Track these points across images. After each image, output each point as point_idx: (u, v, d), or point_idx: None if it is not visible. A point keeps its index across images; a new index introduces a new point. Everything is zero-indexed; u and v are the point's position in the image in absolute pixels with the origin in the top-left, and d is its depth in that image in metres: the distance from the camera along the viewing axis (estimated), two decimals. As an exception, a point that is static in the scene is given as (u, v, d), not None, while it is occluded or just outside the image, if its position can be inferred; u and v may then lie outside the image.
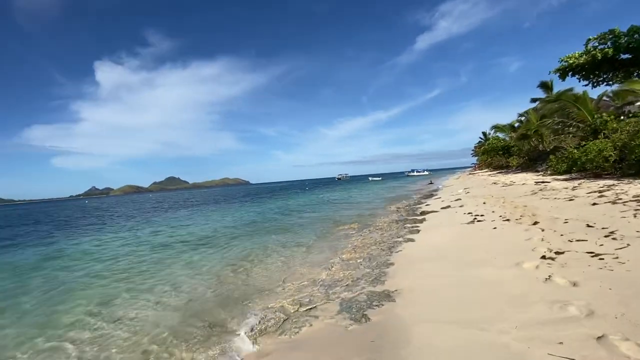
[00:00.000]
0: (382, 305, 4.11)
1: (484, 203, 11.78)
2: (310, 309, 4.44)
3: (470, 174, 48.85)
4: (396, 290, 4.50)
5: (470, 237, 7.14)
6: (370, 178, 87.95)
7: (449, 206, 12.69)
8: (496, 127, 43.25)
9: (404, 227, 9.64)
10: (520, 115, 39.18)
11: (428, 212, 12.06)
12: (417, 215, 12.00)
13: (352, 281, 5.34)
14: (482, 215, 9.39)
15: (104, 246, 11.96)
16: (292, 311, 4.43)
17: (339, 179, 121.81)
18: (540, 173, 19.45)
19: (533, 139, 29.67)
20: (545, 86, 33.30)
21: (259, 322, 4.24)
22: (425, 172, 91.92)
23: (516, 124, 40.42)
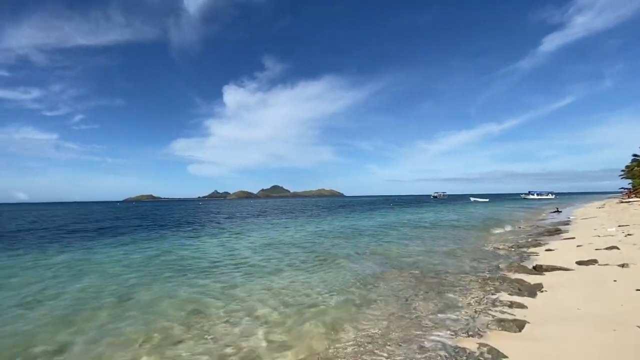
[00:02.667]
0: None
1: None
2: None
3: (621, 201, 35.71)
4: None
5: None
6: (472, 199, 75.31)
7: (593, 261, 7.35)
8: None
9: (492, 302, 5.33)
10: None
11: (548, 269, 7.10)
12: (526, 271, 7.18)
13: None
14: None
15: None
16: None
17: (434, 197, 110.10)
18: None
19: None
20: None
21: None
22: (550, 196, 72.87)
23: None
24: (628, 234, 10.47)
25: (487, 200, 73.22)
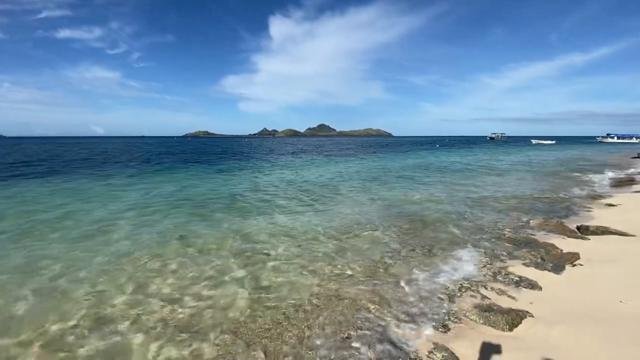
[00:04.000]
0: None
1: None
2: None
3: None
4: None
5: None
6: (534, 141, 66.19)
7: (670, 225, 5.27)
8: None
9: (493, 274, 3.91)
10: None
11: (597, 231, 5.24)
12: (565, 232, 5.40)
13: None
14: None
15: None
16: None
17: (491, 138, 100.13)
18: None
19: None
20: None
21: None
22: (635, 140, 61.80)
23: None
24: None
25: (553, 142, 64.35)
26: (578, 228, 5.65)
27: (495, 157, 27.55)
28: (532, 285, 3.56)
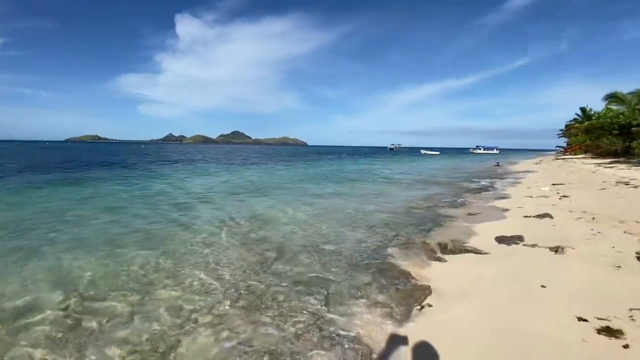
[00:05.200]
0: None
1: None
2: None
3: (557, 158, 36.74)
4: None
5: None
6: (423, 151, 76.07)
7: (518, 238, 5.11)
8: (614, 97, 30.06)
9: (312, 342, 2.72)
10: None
11: (456, 249, 4.76)
12: (427, 251, 4.79)
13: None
14: None
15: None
16: None
17: (391, 148, 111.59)
18: None
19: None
20: None
21: None
22: (495, 151, 76.95)
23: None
24: (563, 196, 8.68)
25: (437, 153, 74.42)
26: (439, 245, 5.13)
27: (388, 165, 29.44)
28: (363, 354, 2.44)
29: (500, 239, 5.21)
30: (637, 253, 3.91)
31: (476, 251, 4.71)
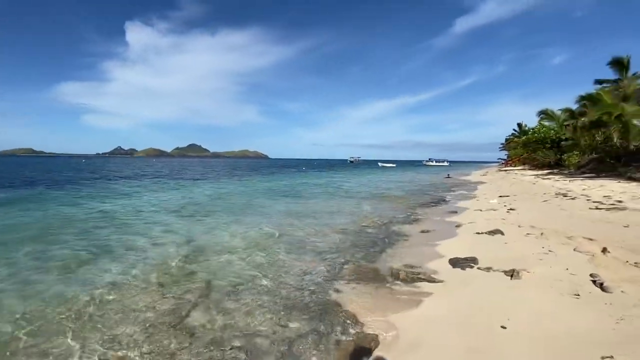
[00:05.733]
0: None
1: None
2: None
3: (500, 170, 39.60)
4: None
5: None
6: (380, 164, 78.54)
7: (472, 260, 4.76)
8: (545, 113, 33.25)
9: None
10: (582, 98, 29.27)
11: (408, 278, 4.26)
12: (377, 282, 4.23)
13: None
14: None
15: None
16: None
17: (351, 161, 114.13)
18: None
19: (608, 130, 20.41)
20: (619, 64, 23.82)
21: None
22: (445, 163, 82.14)
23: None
24: (510, 209, 8.79)
25: (394, 165, 77.16)
26: (391, 272, 4.60)
27: (348, 178, 29.41)
28: None
29: (455, 262, 4.83)
30: (591, 276, 3.67)
31: (430, 279, 4.23)
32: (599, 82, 25.05)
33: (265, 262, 5.19)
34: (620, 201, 7.70)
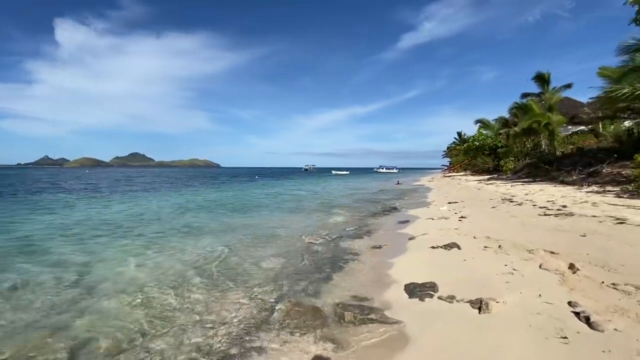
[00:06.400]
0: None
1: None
2: None
3: (445, 176, 41.72)
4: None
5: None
6: (334, 172, 78.97)
7: (431, 289, 3.94)
8: (481, 122, 35.79)
9: None
10: (514, 107, 31.95)
11: (356, 319, 3.28)
12: (311, 329, 3.19)
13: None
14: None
15: None
16: None
17: (305, 169, 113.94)
18: (575, 186, 11.47)
19: (537, 137, 22.18)
20: (542, 79, 26.61)
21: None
22: (395, 170, 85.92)
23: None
24: (462, 217, 8.44)
25: (347, 172, 78.18)
26: (336, 312, 3.59)
27: (300, 187, 28.44)
28: None
29: (411, 290, 3.98)
30: (570, 305, 3.02)
31: (383, 319, 3.30)
32: (525, 95, 27.52)
33: (169, 308, 3.86)
34: (564, 206, 7.69)
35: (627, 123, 19.55)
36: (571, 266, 3.93)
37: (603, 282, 3.36)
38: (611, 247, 4.32)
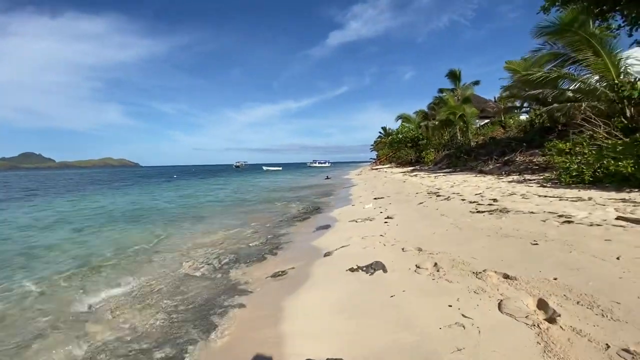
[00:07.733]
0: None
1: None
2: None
3: (372, 168, 42.55)
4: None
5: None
6: (265, 167, 75.83)
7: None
8: (403, 117, 37.04)
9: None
10: (432, 103, 33.62)
11: None
12: None
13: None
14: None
15: None
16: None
17: (237, 166, 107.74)
18: (494, 175, 11.38)
19: (454, 129, 23.10)
20: (454, 75, 28.58)
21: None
22: (327, 164, 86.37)
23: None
24: (388, 217, 7.16)
25: (280, 168, 75.92)
26: None
27: (223, 187, 25.39)
28: None
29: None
30: None
31: None
32: (441, 90, 29.08)
33: None
34: (495, 200, 6.91)
35: (522, 117, 21.56)
36: (541, 304, 2.59)
37: (608, 346, 2.00)
38: (581, 264, 3.17)
